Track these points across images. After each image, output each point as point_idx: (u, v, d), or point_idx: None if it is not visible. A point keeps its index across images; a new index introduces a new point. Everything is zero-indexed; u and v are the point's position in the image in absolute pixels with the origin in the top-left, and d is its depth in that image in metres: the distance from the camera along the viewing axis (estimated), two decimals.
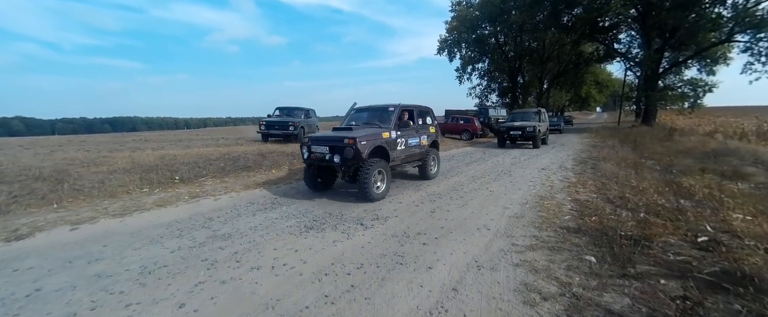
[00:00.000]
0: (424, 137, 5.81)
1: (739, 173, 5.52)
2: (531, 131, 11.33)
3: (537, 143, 11.35)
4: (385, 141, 4.72)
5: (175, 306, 2.00)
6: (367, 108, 5.71)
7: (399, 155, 5.05)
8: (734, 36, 17.35)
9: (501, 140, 12.20)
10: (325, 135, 4.89)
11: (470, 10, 27.86)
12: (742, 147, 8.21)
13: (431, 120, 6.20)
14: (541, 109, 13.39)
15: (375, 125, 5.05)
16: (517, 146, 12.27)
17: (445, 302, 2.02)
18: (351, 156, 4.28)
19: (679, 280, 2.16)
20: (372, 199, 4.32)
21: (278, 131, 11.34)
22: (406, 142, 5.20)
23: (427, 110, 6.12)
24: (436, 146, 6.39)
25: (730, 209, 3.44)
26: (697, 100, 21.18)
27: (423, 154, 5.74)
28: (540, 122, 11.91)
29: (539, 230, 3.26)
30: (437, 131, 6.36)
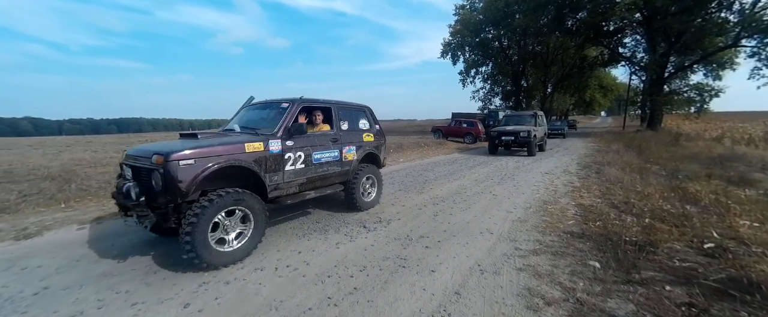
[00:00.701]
0: (351, 148, 3.93)
1: (746, 179, 5.45)
2: (525, 136, 10.21)
3: (532, 150, 10.31)
4: (255, 158, 2.81)
5: (180, 305, 2.02)
6: (260, 104, 3.80)
7: (291, 180, 3.17)
8: (741, 41, 17.23)
9: (492, 146, 10.94)
10: (140, 150, 2.72)
11: (474, 13, 27.95)
12: (750, 153, 8.12)
13: (369, 124, 4.36)
14: (538, 112, 12.31)
15: (249, 132, 3.26)
16: (512, 152, 11.32)
17: (448, 305, 2.02)
18: (160, 188, 2.38)
19: (685, 287, 2.14)
20: (208, 265, 2.44)
21: None
22: (309, 157, 3.33)
23: (360, 109, 4.29)
24: (376, 160, 4.47)
25: (736, 216, 3.41)
26: (703, 104, 21.03)
27: (346, 174, 3.92)
28: (536, 127, 10.87)
29: (543, 234, 3.25)
30: (379, 139, 4.46)
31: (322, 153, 3.53)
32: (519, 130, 10.39)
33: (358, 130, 4.15)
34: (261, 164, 2.88)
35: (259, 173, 2.86)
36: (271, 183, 3.00)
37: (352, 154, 3.94)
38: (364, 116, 4.34)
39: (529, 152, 10.38)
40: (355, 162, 3.98)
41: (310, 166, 3.38)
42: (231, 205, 2.57)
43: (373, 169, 4.33)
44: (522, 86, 31.44)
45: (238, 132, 3.37)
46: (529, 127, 10.56)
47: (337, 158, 3.74)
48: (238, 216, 2.69)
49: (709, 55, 19.35)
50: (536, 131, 10.65)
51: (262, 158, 2.89)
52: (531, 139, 10.16)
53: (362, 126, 4.25)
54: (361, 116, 4.27)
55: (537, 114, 11.78)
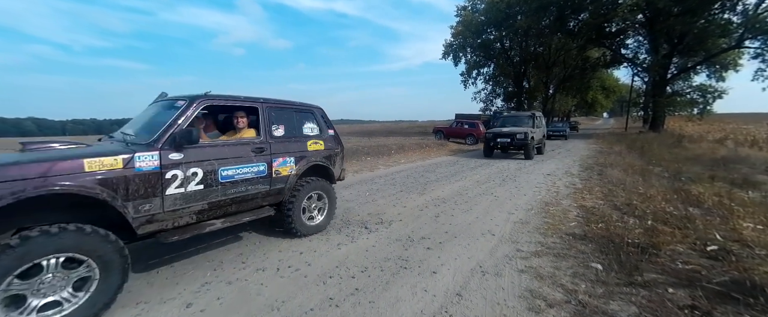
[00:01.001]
0: (287, 160, 3.03)
1: (750, 181, 5.43)
2: (522, 138, 9.70)
3: (529, 153, 9.77)
4: (104, 180, 1.97)
5: (183, 305, 2.03)
6: (166, 102, 2.82)
7: (179, 207, 2.34)
8: (744, 42, 17.16)
9: (487, 148, 10.44)
10: None
11: (475, 15, 27.95)
12: (753, 155, 8.08)
13: (319, 128, 3.47)
14: (537, 113, 11.79)
15: (120, 140, 2.37)
16: (509, 155, 10.82)
17: (450, 307, 2.02)
18: None
19: (688, 289, 2.13)
20: None
21: None
22: (212, 174, 2.48)
23: (306, 111, 3.42)
24: (328, 174, 3.55)
25: (740, 218, 3.39)
26: (706, 106, 20.94)
27: (280, 193, 3.03)
28: (534, 128, 10.34)
29: (544, 236, 3.24)
30: (333, 148, 3.57)
31: (236, 168, 2.62)
32: (515, 132, 9.87)
33: (300, 136, 3.23)
34: (117, 189, 1.99)
35: (110, 202, 1.94)
36: (141, 214, 2.11)
37: (288, 167, 3.02)
38: (312, 119, 3.43)
39: (526, 155, 9.83)
40: (292, 177, 3.06)
41: (214, 187, 2.48)
42: (44, 255, 1.68)
43: (322, 185, 3.36)
44: (524, 87, 31.39)
45: (109, 141, 2.58)
46: (526, 128, 10.04)
47: (264, 174, 2.81)
48: (74, 268, 1.80)
49: (712, 56, 19.29)
50: (534, 132, 10.16)
51: (118, 180, 2.00)
52: (528, 141, 9.67)
53: (308, 131, 3.33)
54: (306, 119, 3.37)
55: (535, 115, 11.24)
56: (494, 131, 10.44)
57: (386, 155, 10.91)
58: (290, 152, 3.08)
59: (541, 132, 11.30)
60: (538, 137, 10.84)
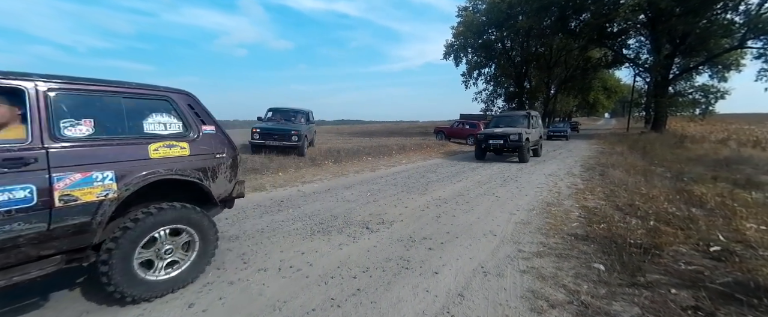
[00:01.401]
0: (94, 176, 1.84)
1: (753, 181, 5.40)
2: (516, 139, 8.88)
3: (523, 155, 8.98)
4: None
5: (185, 305, 2.04)
6: None
7: None
8: (747, 42, 17.09)
9: (479, 150, 9.70)
10: None
11: (476, 15, 27.94)
12: (756, 155, 8.04)
13: (182, 124, 2.36)
14: (532, 112, 10.99)
15: None
16: (503, 158, 10.04)
17: (452, 307, 2.02)
18: None
19: (691, 290, 2.12)
20: None
21: (278, 141, 8.77)
22: None
23: (156, 96, 2.29)
24: (202, 195, 2.39)
25: (743, 219, 3.37)
26: (708, 106, 20.87)
27: (80, 232, 1.85)
28: (529, 129, 9.62)
29: (546, 236, 3.23)
30: (210, 150, 2.47)
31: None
32: (509, 132, 9.05)
33: (131, 137, 2.08)
34: None
35: None
36: None
37: (95, 188, 1.84)
38: (166, 110, 2.29)
39: (521, 158, 9.04)
40: (107, 205, 1.89)
41: None
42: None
43: (183, 214, 2.18)
44: (525, 87, 31.35)
45: None
46: (520, 129, 9.30)
47: (30, 203, 1.66)
48: None
49: (714, 56, 19.21)
50: (529, 133, 9.40)
51: None
52: (522, 143, 8.86)
53: (154, 128, 2.19)
54: (153, 110, 2.22)
55: (531, 114, 10.46)
56: (486, 132, 9.69)
57: (387, 155, 10.91)
58: (103, 163, 1.90)
59: (537, 133, 10.55)
60: (535, 137, 10.13)
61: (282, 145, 8.75)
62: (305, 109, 10.73)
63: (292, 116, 10.21)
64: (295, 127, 9.16)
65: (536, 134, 10.42)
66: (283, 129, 8.92)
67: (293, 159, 8.32)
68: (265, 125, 9.21)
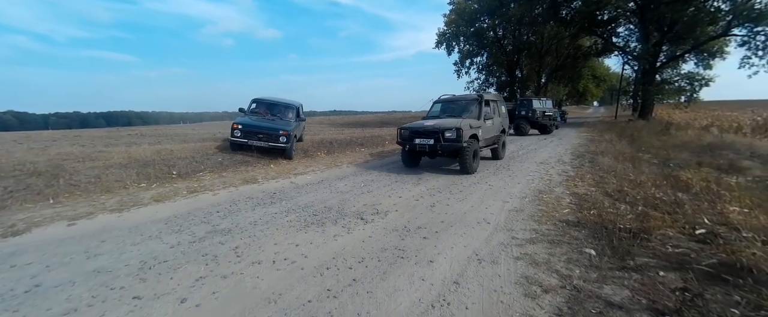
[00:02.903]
0: None
1: (736, 166, 5.57)
2: (452, 138, 5.74)
3: (466, 162, 5.83)
4: None
5: (177, 300, 1.99)
6: None
7: None
8: (732, 30, 17.38)
9: (406, 154, 6.56)
10: None
11: (469, 3, 27.60)
12: (738, 141, 8.29)
13: None
14: (491, 95, 7.81)
15: None
16: (441, 168, 6.57)
17: (447, 295, 2.03)
18: None
19: (678, 272, 2.19)
20: None
21: (262, 141, 7.31)
22: None
23: None
24: None
25: (727, 202, 3.48)
26: (693, 94, 21.31)
27: None
28: (480, 120, 6.50)
29: (539, 223, 3.28)
30: None
31: None
32: (442, 127, 5.85)
33: None
34: None
35: None
36: None
37: None
38: None
39: (462, 167, 5.94)
40: None
41: None
42: None
43: None
44: (516, 76, 31.44)
45: None
46: (461, 121, 6.03)
47: None
48: None
49: (700, 44, 19.51)
50: (477, 127, 6.28)
51: None
52: (462, 143, 5.69)
53: None
54: None
55: (485, 99, 7.01)
56: (412, 127, 6.32)
57: (380, 145, 10.86)
58: None
59: (495, 126, 7.29)
60: (490, 133, 6.98)
61: (267, 146, 7.36)
62: (295, 102, 8.95)
63: (280, 110, 8.50)
64: (284, 125, 7.71)
65: (494, 127, 7.18)
66: (269, 128, 7.45)
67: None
68: (248, 120, 7.67)
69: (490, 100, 7.42)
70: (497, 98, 8.14)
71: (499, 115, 7.65)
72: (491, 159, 7.66)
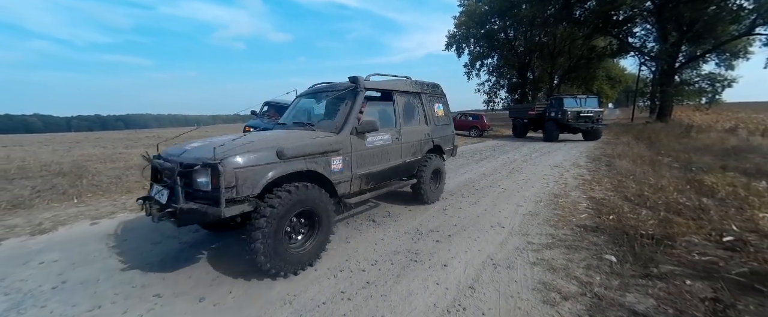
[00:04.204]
0: None
1: (763, 170, 5.32)
2: (204, 188, 2.09)
3: (257, 253, 2.11)
4: None
5: (195, 299, 2.03)
6: None
7: None
8: (756, 29, 16.67)
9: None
10: None
11: (479, 4, 27.46)
12: (765, 144, 7.91)
13: None
14: (406, 83, 3.83)
15: None
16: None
17: (463, 300, 2.00)
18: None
19: (707, 281, 2.09)
20: None
21: None
22: None
23: None
24: None
25: (756, 208, 3.32)
26: (715, 95, 20.54)
27: None
28: (346, 134, 2.85)
29: (555, 228, 3.20)
30: None
31: None
32: (195, 157, 2.23)
33: None
34: None
35: None
36: None
37: None
38: None
39: (253, 251, 2.15)
40: None
41: None
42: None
43: None
44: (528, 78, 30.97)
45: None
46: (283, 138, 2.53)
47: None
48: None
49: (722, 44, 18.77)
50: (336, 152, 2.74)
51: None
52: (221, 205, 1.97)
53: None
54: None
55: (385, 93, 3.79)
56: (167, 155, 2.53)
57: None
58: None
59: (409, 143, 3.68)
60: (390, 159, 3.40)
61: None
62: None
63: None
64: None
65: (401, 146, 3.55)
66: None
67: None
68: (260, 123, 6.95)
69: (395, 91, 3.57)
70: (415, 88, 3.91)
71: (421, 119, 3.94)
72: (417, 204, 4.12)
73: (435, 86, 4.35)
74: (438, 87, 4.41)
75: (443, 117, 4.43)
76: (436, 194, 4.25)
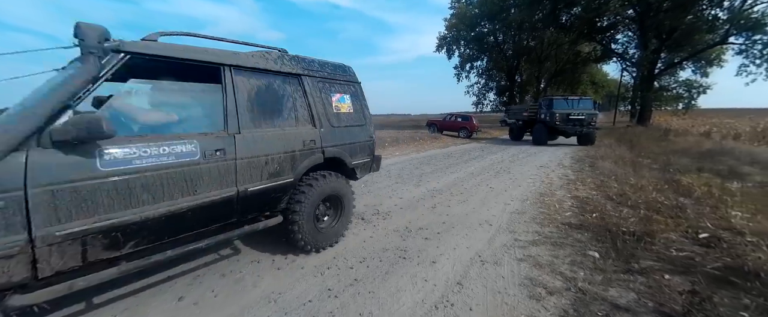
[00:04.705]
0: None
1: (736, 172, 5.57)
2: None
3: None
4: None
5: (174, 298, 1.95)
6: None
7: None
8: (729, 38, 17.55)
9: None
10: None
11: (470, 7, 27.85)
12: (738, 147, 8.31)
13: None
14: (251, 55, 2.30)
15: None
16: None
17: (451, 296, 2.00)
18: None
19: (684, 275, 2.16)
20: None
21: None
22: None
23: None
24: None
25: (729, 207, 3.47)
26: (691, 101, 21.48)
27: None
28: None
29: (541, 225, 3.25)
30: None
31: None
32: None
33: None
34: None
35: None
36: None
37: None
38: None
39: None
40: None
41: None
42: None
43: None
44: (516, 81, 31.60)
45: None
46: None
47: None
48: None
49: (698, 52, 19.68)
50: None
51: None
52: None
53: None
54: None
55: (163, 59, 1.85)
56: None
57: (380, 147, 10.83)
58: None
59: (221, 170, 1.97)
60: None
61: None
62: None
63: None
64: None
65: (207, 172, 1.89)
66: None
67: None
68: None
69: (228, 67, 2.11)
70: (285, 67, 2.49)
71: (300, 117, 2.55)
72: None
73: (339, 67, 2.94)
74: (345, 70, 3.01)
75: (352, 115, 2.95)
76: (328, 237, 2.68)
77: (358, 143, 3.01)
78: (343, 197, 2.79)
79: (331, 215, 2.79)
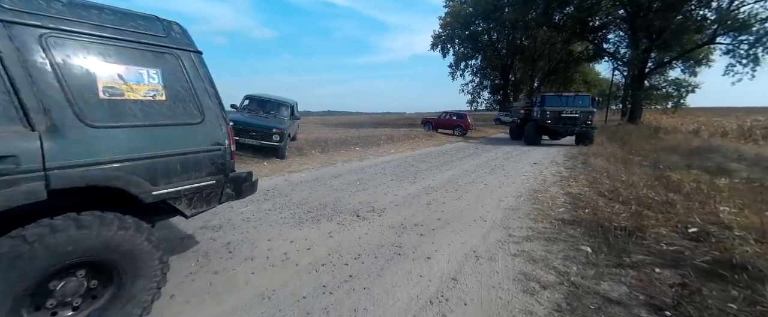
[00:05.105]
0: None
1: (724, 168, 5.71)
2: None
3: None
4: None
5: (166, 296, 1.91)
6: None
7: None
8: (717, 38, 17.94)
9: None
10: None
11: (464, 6, 27.94)
12: (725, 145, 8.51)
13: None
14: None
15: None
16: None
17: (446, 291, 2.00)
18: None
19: (674, 269, 2.20)
20: None
21: (255, 139, 6.84)
22: None
23: None
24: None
25: (717, 203, 3.54)
26: (680, 100, 21.96)
27: None
28: None
29: (535, 221, 3.28)
30: None
31: None
32: None
33: None
34: None
35: None
36: None
37: None
38: None
39: None
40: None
41: None
42: None
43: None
44: (510, 79, 31.86)
45: None
46: None
47: None
48: None
49: (687, 51, 20.10)
50: None
51: None
52: None
53: None
54: None
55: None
56: None
57: (375, 145, 10.81)
58: None
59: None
60: None
61: (260, 145, 6.90)
62: (290, 100, 8.55)
63: (273, 107, 8.12)
64: (278, 123, 7.30)
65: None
66: (262, 125, 7.04)
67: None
68: (240, 117, 7.28)
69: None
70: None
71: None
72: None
73: (131, 18, 1.66)
74: (152, 25, 1.73)
75: (163, 104, 1.71)
76: None
77: (177, 156, 1.72)
78: (127, 258, 1.49)
79: (98, 294, 1.49)
